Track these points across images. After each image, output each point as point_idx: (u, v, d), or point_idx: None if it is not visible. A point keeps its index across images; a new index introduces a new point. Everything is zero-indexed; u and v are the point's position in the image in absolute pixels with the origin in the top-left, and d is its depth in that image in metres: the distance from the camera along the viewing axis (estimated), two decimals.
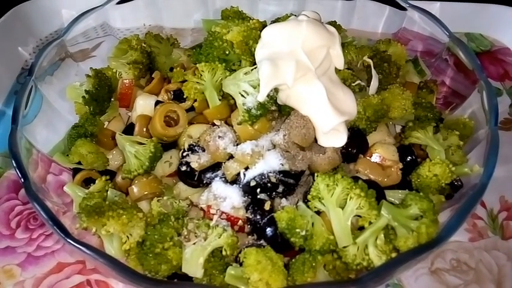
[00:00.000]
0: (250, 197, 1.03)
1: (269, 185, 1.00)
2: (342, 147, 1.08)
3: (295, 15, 1.20)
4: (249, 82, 1.05)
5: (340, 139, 1.06)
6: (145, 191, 1.07)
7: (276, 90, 1.06)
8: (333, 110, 1.03)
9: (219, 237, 0.95)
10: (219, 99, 1.12)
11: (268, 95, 1.03)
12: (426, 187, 1.06)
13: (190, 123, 1.16)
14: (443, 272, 1.16)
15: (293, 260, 0.95)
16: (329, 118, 1.04)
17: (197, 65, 1.14)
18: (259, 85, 1.03)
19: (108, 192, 1.06)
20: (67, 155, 1.18)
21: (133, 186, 1.08)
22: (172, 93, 1.21)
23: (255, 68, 1.07)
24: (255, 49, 1.10)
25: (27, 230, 1.25)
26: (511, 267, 1.17)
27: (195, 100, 1.15)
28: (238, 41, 1.11)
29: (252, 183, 1.00)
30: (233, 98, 1.09)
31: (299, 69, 1.04)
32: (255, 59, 1.10)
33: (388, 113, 1.12)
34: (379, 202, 0.95)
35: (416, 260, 0.87)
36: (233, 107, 1.12)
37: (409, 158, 1.12)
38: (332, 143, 1.06)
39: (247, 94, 1.05)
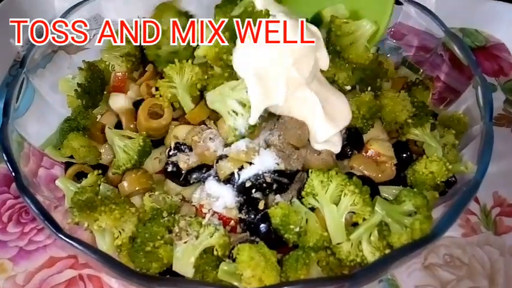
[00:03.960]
0: (244, 197, 1.01)
1: (264, 185, 0.99)
2: None
3: None
4: (237, 100, 1.01)
5: (334, 148, 1.06)
6: (135, 187, 1.06)
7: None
8: (327, 121, 1.03)
9: (211, 237, 0.94)
10: (196, 97, 1.09)
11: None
12: (421, 184, 1.06)
13: (175, 119, 1.15)
14: (436, 267, 1.16)
15: (286, 257, 0.94)
16: (323, 129, 1.03)
17: (164, 69, 1.11)
18: (248, 102, 0.99)
19: (101, 186, 1.05)
20: (59, 149, 1.17)
21: (123, 182, 1.07)
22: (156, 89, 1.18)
23: (242, 82, 1.01)
24: (231, 61, 1.04)
25: (19, 224, 1.24)
26: (503, 262, 1.17)
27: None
28: (211, 58, 1.05)
29: (247, 184, 0.99)
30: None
31: (290, 85, 1.01)
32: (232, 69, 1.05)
33: (381, 110, 1.12)
34: (373, 198, 0.95)
35: (410, 256, 0.87)
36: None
37: (404, 154, 1.12)
38: (326, 148, 1.06)
39: (237, 114, 1.01)
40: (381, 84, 1.21)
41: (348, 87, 1.15)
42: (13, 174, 0.97)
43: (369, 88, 1.16)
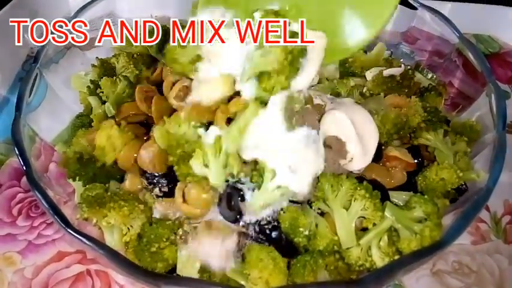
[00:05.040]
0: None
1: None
2: None
3: None
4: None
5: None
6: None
7: None
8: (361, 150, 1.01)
9: None
10: None
11: None
12: (432, 190, 1.05)
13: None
14: (445, 274, 1.15)
15: (294, 261, 0.94)
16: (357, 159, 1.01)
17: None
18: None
19: (110, 183, 1.06)
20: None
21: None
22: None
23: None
24: None
25: (29, 217, 1.25)
26: None
27: None
28: None
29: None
30: None
31: None
32: None
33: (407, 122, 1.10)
34: (383, 203, 0.94)
35: (419, 262, 0.86)
36: None
37: (416, 160, 1.11)
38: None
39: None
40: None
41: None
42: (24, 168, 0.97)
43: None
